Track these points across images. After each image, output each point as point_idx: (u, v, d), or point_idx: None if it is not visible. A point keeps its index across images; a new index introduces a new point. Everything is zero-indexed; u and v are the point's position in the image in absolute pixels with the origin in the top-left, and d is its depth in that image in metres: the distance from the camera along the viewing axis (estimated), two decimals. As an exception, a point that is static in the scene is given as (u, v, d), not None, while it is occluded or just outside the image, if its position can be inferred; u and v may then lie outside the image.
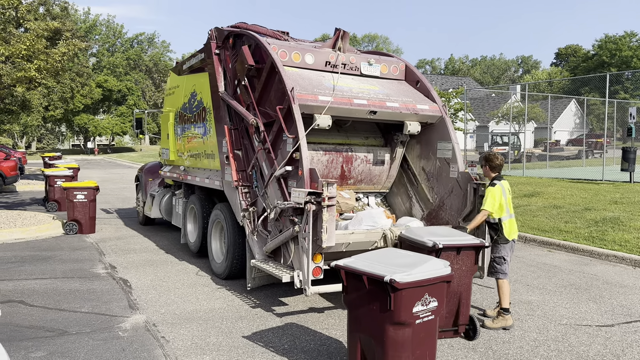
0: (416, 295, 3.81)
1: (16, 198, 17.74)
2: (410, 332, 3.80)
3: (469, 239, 5.49)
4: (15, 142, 60.75)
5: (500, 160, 6.12)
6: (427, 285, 3.86)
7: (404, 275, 3.73)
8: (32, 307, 6.25)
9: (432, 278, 3.90)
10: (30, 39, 10.57)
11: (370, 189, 7.77)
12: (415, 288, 3.79)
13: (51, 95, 19.02)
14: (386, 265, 3.96)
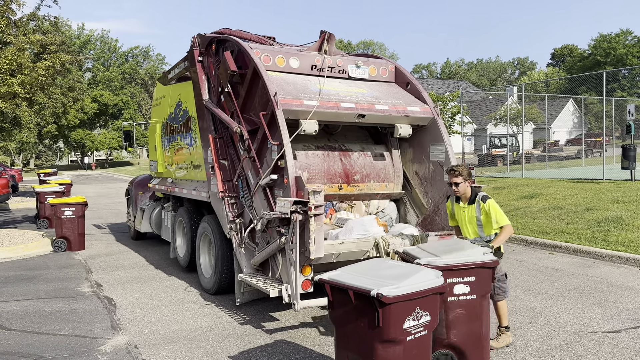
0: (406, 310, 3.51)
1: (8, 216, 17.47)
2: (401, 350, 3.50)
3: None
4: (12, 160, 60.56)
5: (467, 169, 5.53)
6: (418, 298, 3.56)
7: (392, 289, 3.43)
8: (9, 332, 5.94)
9: (424, 290, 3.60)
10: (12, 53, 10.33)
11: (381, 188, 7.25)
12: (405, 302, 3.49)
13: (42, 111, 18.77)
14: (373, 278, 3.67)
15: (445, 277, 4.10)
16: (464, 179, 5.41)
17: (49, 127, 45.63)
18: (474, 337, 4.46)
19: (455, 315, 4.42)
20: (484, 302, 4.51)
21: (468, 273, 4.41)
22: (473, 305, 4.44)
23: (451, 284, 4.33)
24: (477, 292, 4.44)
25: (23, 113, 17.83)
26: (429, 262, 4.35)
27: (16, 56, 10.37)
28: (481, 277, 4.45)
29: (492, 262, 4.48)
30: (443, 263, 4.35)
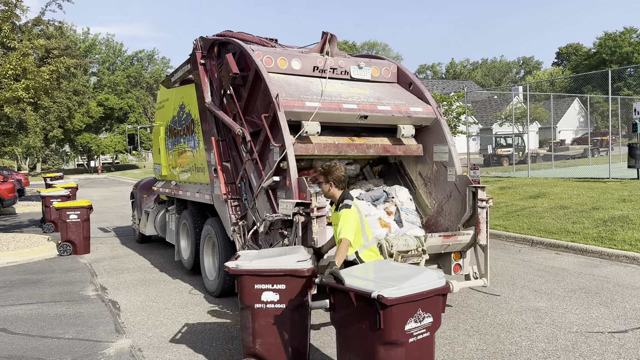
0: (408, 312, 3.48)
1: (14, 220, 17.55)
2: (403, 352, 3.47)
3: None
4: (19, 164, 60.91)
5: (345, 171, 4.90)
6: (420, 300, 3.54)
7: (393, 290, 3.41)
8: (13, 335, 5.96)
9: (426, 292, 3.58)
10: (16, 58, 10.38)
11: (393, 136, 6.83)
12: (407, 304, 3.47)
13: (48, 115, 18.87)
14: (375, 280, 3.65)
15: (253, 283, 4.04)
16: (325, 180, 4.81)
17: (54, 132, 45.86)
18: (279, 349, 4.21)
19: (262, 324, 4.21)
20: (293, 313, 4.23)
21: (278, 280, 4.19)
22: (282, 316, 4.21)
23: (259, 291, 4.15)
24: (286, 302, 4.20)
25: (29, 117, 17.90)
26: (237, 265, 4.25)
27: (20, 61, 10.42)
28: (292, 286, 4.20)
29: (306, 270, 4.20)
30: (251, 267, 4.22)
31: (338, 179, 4.74)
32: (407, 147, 6.90)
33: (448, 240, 6.15)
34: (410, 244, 5.80)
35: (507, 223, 11.87)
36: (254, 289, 4.21)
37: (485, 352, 5.16)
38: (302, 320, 4.35)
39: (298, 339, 4.32)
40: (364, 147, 6.59)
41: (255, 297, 4.20)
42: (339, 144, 6.38)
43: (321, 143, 6.24)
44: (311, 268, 4.30)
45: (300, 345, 4.34)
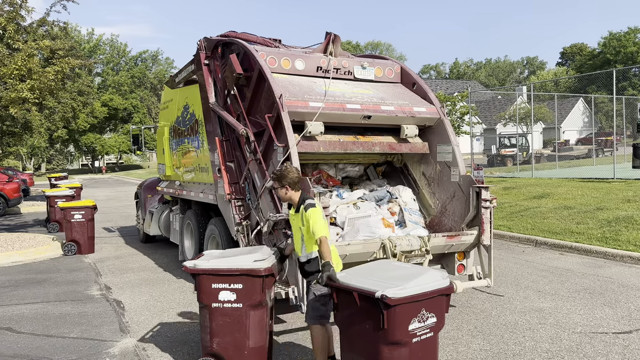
0: (412, 312, 3.48)
1: (19, 220, 17.62)
2: (407, 352, 3.48)
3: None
4: (23, 164, 61.13)
5: (298, 172, 4.76)
6: (423, 300, 3.54)
7: (397, 290, 3.41)
8: (19, 334, 5.99)
9: (429, 292, 3.58)
10: (21, 59, 10.43)
11: (399, 136, 6.76)
12: (411, 304, 3.47)
13: (53, 115, 18.96)
14: (379, 280, 3.65)
15: (210, 282, 4.05)
16: (280, 185, 4.65)
17: (59, 132, 45.95)
18: (236, 348, 4.19)
19: (219, 323, 4.21)
20: (251, 312, 4.22)
21: (234, 280, 4.17)
22: (238, 315, 4.19)
23: (216, 290, 4.15)
24: (243, 301, 4.17)
25: (33, 118, 17.98)
26: (194, 264, 4.27)
27: (25, 62, 10.47)
28: (249, 285, 4.15)
29: (263, 269, 4.18)
30: (208, 266, 4.22)
31: (292, 181, 4.64)
32: (413, 145, 6.89)
33: (452, 240, 6.15)
34: (414, 244, 5.81)
35: (511, 223, 11.86)
36: (211, 288, 4.23)
37: (489, 353, 5.16)
38: (261, 320, 4.33)
39: (256, 339, 4.29)
40: (370, 145, 6.59)
41: (212, 297, 4.22)
42: (343, 142, 6.39)
43: (326, 141, 6.26)
44: (269, 267, 4.27)
45: (259, 345, 4.31)
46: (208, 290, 4.25)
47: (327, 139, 6.29)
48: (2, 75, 10.40)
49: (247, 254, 4.50)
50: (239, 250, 4.85)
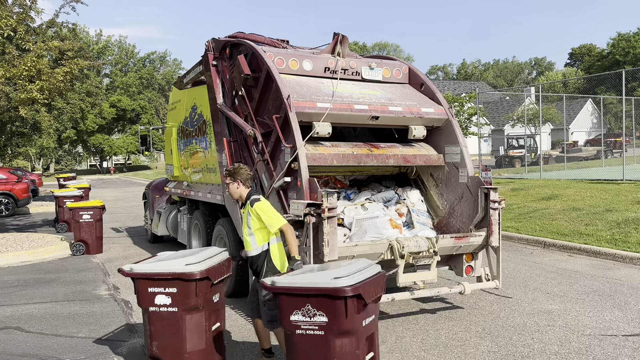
0: (295, 304, 3.66)
1: (28, 220, 17.74)
2: (293, 340, 3.72)
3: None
4: (32, 165, 61.55)
5: (247, 171, 4.94)
6: (305, 295, 3.64)
7: (283, 279, 3.74)
8: (28, 334, 6.03)
9: (309, 287, 3.64)
10: (31, 60, 10.50)
11: (414, 151, 6.74)
12: (293, 295, 3.68)
13: (61, 116, 19.09)
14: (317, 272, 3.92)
15: (146, 286, 4.07)
16: (232, 180, 4.84)
17: (68, 132, 46.21)
18: (173, 352, 4.21)
19: (157, 327, 4.23)
20: (186, 316, 4.21)
21: (168, 284, 4.16)
22: (175, 319, 4.18)
23: (153, 294, 4.16)
24: (178, 305, 4.17)
25: (43, 118, 18.10)
26: (131, 268, 4.28)
27: (35, 63, 10.53)
28: (183, 289, 4.15)
29: (197, 272, 4.17)
30: (142, 270, 4.23)
31: (244, 178, 4.84)
32: (428, 157, 6.74)
33: (460, 241, 6.13)
34: (422, 245, 5.79)
35: (519, 225, 11.80)
36: (147, 292, 4.23)
37: (497, 355, 5.13)
38: (198, 323, 4.29)
39: (194, 342, 4.27)
40: (384, 158, 6.42)
41: (149, 300, 4.22)
42: (357, 154, 6.23)
43: (340, 154, 6.10)
44: (203, 270, 4.23)
45: (197, 348, 4.30)
46: (145, 295, 4.27)
47: (341, 152, 6.13)
48: (12, 76, 10.47)
49: (187, 256, 4.47)
50: (186, 252, 4.82)
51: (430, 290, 6.19)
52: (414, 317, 6.33)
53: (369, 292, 3.72)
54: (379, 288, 3.94)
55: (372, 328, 3.91)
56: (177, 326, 4.21)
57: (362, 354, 3.72)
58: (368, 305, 3.71)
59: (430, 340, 5.56)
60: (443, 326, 5.99)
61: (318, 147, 6.05)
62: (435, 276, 5.99)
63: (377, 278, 3.96)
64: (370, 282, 3.79)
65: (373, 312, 3.90)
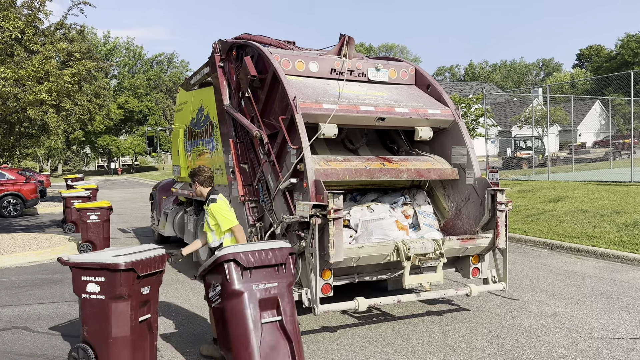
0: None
1: (36, 220, 17.85)
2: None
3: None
4: (40, 165, 61.96)
5: (209, 173, 5.50)
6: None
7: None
8: (35, 334, 6.06)
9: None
10: (39, 61, 10.57)
11: (428, 165, 6.58)
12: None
13: (69, 117, 19.19)
14: None
15: (80, 275, 4.65)
16: (192, 181, 5.51)
17: (76, 134, 46.58)
18: (102, 336, 4.59)
19: (88, 313, 4.67)
20: (112, 303, 4.57)
21: (97, 273, 4.60)
22: (102, 306, 4.59)
23: (85, 282, 4.64)
24: (106, 293, 4.58)
25: (51, 119, 18.21)
26: (68, 257, 4.77)
27: (43, 64, 10.60)
28: (110, 279, 4.55)
29: (123, 264, 4.50)
30: (77, 260, 4.72)
31: (203, 179, 5.45)
32: (442, 171, 6.59)
33: (466, 243, 6.11)
34: (428, 247, 5.77)
35: (526, 227, 11.74)
36: (80, 280, 4.69)
37: (504, 357, 5.11)
38: (124, 311, 4.64)
39: (119, 329, 4.61)
40: (397, 172, 6.29)
41: (82, 288, 4.68)
42: (370, 169, 6.11)
43: (352, 169, 5.99)
44: (128, 262, 4.55)
45: (121, 335, 4.63)
46: (78, 282, 4.72)
47: (354, 167, 6.01)
48: (20, 77, 10.54)
49: (119, 250, 4.90)
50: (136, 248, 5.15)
51: (436, 292, 6.17)
52: (420, 319, 6.31)
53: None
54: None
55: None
56: (105, 313, 4.59)
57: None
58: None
59: (437, 343, 5.54)
60: (449, 328, 5.97)
61: (330, 162, 5.92)
62: (441, 278, 5.97)
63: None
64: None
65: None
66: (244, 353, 4.38)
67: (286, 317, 4.57)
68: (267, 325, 4.52)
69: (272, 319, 4.54)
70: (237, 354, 4.42)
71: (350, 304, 5.51)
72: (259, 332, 4.44)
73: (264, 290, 4.55)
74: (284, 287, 4.64)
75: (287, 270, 4.70)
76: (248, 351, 4.37)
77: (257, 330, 4.45)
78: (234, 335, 4.46)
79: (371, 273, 6.15)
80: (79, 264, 4.67)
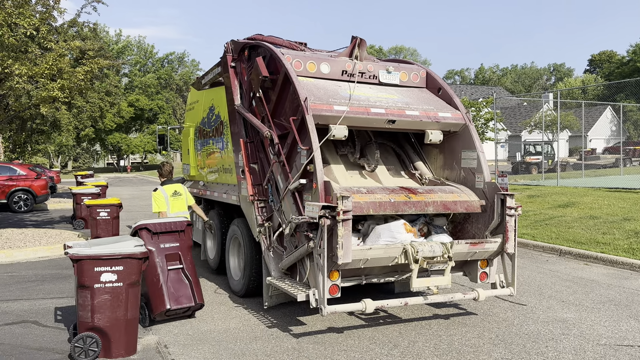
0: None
1: (46, 216, 17.99)
2: None
3: None
4: (51, 162, 62.42)
5: (168, 168, 7.70)
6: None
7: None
8: (45, 328, 6.12)
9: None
10: (53, 58, 10.68)
11: (454, 197, 6.31)
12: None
13: (81, 114, 19.34)
14: None
15: (93, 266, 5.01)
16: (159, 174, 7.80)
17: (86, 131, 46.86)
18: (116, 321, 5.09)
19: (101, 301, 5.03)
20: (130, 289, 5.15)
21: (116, 262, 5.08)
22: (120, 292, 5.11)
23: (99, 273, 5.02)
24: (124, 281, 5.10)
25: (62, 116, 18.35)
26: (77, 251, 5.04)
27: (56, 62, 10.71)
28: (128, 267, 5.11)
29: (140, 253, 5.20)
30: (91, 253, 5.03)
31: (162, 173, 7.74)
32: (469, 203, 6.35)
33: (475, 247, 6.10)
34: (436, 251, 5.77)
35: (535, 232, 11.70)
36: (93, 271, 5.04)
37: (510, 362, 5.10)
38: (137, 295, 5.30)
39: (133, 310, 5.22)
40: (422, 205, 6.06)
41: (95, 278, 5.02)
42: (395, 202, 5.90)
43: (376, 202, 5.81)
44: (145, 252, 5.28)
45: (135, 316, 5.26)
46: (91, 274, 5.05)
47: (378, 200, 5.84)
48: (34, 74, 10.65)
49: (123, 242, 5.41)
50: (109, 239, 5.85)
51: (443, 296, 6.17)
52: (427, 322, 6.31)
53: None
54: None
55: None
56: (121, 299, 5.18)
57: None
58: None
59: (443, 346, 5.54)
60: (456, 332, 5.96)
61: (354, 194, 5.69)
62: (449, 282, 5.96)
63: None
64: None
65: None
66: (156, 288, 6.07)
67: (186, 265, 6.39)
68: (172, 271, 6.26)
69: (176, 267, 6.33)
70: (152, 291, 6.11)
71: (357, 305, 5.52)
72: (165, 275, 6.16)
73: (169, 248, 6.32)
74: (184, 247, 6.44)
75: (186, 236, 6.50)
76: (158, 287, 6.07)
77: (164, 274, 6.18)
78: (150, 279, 6.10)
79: (379, 275, 6.15)
80: (95, 256, 5.04)
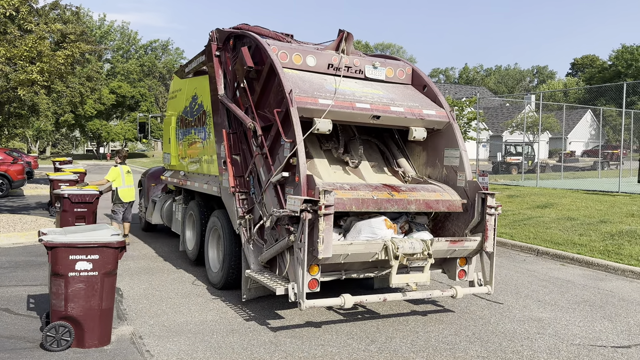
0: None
1: (22, 202, 17.64)
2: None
3: None
4: (28, 147, 61.28)
5: (124, 153, 10.61)
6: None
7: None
8: (16, 316, 5.99)
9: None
10: (32, 41, 10.43)
11: (437, 196, 6.32)
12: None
13: (60, 99, 18.96)
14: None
15: (68, 254, 4.93)
16: (116, 156, 10.61)
17: (66, 116, 46.10)
18: (90, 310, 5.03)
19: (75, 289, 4.98)
20: (105, 278, 5.09)
21: (91, 251, 5.01)
22: (95, 281, 5.05)
23: (74, 261, 4.95)
24: (99, 270, 5.04)
25: (41, 101, 17.98)
26: (52, 239, 4.97)
27: (36, 44, 10.46)
28: (104, 256, 5.05)
29: (116, 242, 5.10)
30: (66, 240, 4.98)
31: (119, 156, 10.48)
32: (451, 202, 6.38)
33: (454, 245, 6.12)
34: (417, 247, 5.78)
35: (513, 231, 11.82)
36: (68, 259, 4.96)
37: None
38: (112, 285, 5.22)
39: (108, 301, 5.15)
40: (405, 203, 6.09)
41: (69, 267, 4.94)
42: (378, 199, 5.91)
43: (359, 198, 5.79)
44: (122, 241, 5.17)
45: (110, 306, 5.19)
46: (65, 262, 4.96)
47: (360, 196, 5.82)
48: (12, 56, 10.39)
49: (98, 230, 5.42)
50: (84, 227, 5.86)
51: (422, 293, 6.19)
52: (405, 319, 6.32)
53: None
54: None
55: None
56: (96, 288, 5.14)
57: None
58: None
59: (420, 342, 5.55)
60: (433, 329, 5.99)
61: (337, 190, 5.70)
62: (428, 279, 5.98)
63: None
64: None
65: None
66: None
67: (89, 221, 9.28)
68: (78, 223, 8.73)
69: (82, 224, 8.73)
70: None
71: (336, 300, 5.51)
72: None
73: (80, 211, 9.38)
74: (90, 212, 9.43)
75: (94, 205, 9.51)
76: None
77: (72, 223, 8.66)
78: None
79: (358, 270, 6.15)
80: (70, 244, 4.97)
